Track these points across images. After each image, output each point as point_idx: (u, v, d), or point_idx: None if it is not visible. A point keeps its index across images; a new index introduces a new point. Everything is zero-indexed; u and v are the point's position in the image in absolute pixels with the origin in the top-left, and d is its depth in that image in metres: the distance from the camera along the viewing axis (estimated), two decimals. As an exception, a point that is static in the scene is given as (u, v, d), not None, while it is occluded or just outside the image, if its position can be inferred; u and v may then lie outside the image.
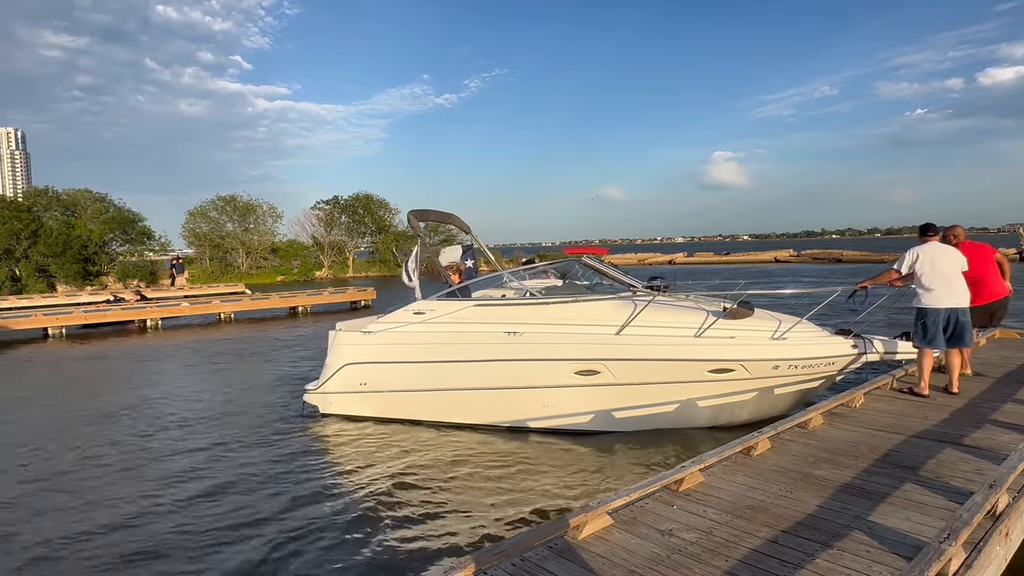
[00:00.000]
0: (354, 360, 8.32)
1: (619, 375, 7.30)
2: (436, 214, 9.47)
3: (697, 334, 7.10)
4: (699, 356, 7.09)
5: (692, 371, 7.17)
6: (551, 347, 7.40)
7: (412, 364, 8.05)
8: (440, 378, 7.90)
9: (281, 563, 4.80)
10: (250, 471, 6.76)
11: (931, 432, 5.44)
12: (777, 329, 7.17)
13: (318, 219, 51.80)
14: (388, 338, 8.17)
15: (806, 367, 7.21)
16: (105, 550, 5.09)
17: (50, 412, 9.63)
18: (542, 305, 7.70)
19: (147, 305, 22.50)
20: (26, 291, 33.08)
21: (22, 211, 36.74)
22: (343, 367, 8.38)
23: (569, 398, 7.53)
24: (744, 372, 7.14)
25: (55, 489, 6.45)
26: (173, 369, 13.23)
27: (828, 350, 7.19)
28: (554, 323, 7.53)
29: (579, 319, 7.48)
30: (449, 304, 8.11)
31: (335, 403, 8.57)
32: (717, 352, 7.07)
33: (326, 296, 25.39)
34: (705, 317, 7.17)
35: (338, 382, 8.46)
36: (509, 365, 7.59)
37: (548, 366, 7.45)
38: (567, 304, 7.65)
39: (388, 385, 8.23)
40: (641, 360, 7.19)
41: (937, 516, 3.76)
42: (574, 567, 3.36)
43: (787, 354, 7.07)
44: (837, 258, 54.08)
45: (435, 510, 5.65)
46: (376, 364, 8.23)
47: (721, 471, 4.68)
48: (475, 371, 7.73)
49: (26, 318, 19.37)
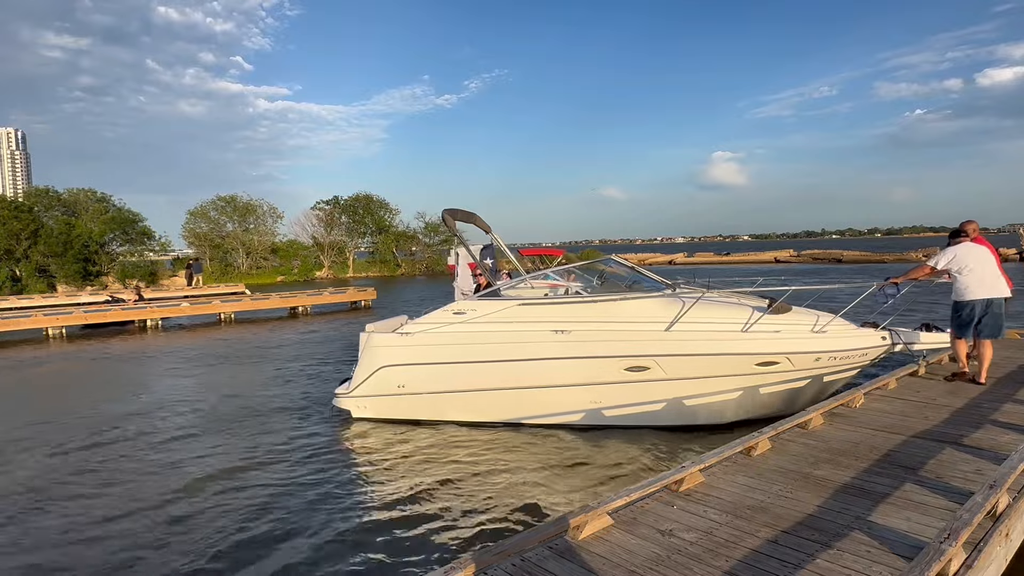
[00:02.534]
0: (391, 362, 8.10)
1: (669, 370, 7.45)
2: (462, 213, 9.47)
3: (744, 329, 7.36)
4: (747, 350, 7.35)
5: (740, 365, 7.41)
6: (601, 344, 7.47)
7: (454, 365, 7.90)
8: (484, 378, 7.82)
9: (285, 560, 4.81)
10: (283, 479, 6.74)
11: (931, 432, 5.44)
12: (816, 323, 7.55)
13: (318, 219, 51.85)
14: (428, 339, 7.99)
15: (843, 358, 7.60)
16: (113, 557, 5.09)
17: (52, 415, 9.62)
18: (590, 303, 7.77)
19: (147, 305, 22.49)
20: (26, 291, 33.10)
21: (22, 211, 36.75)
22: (379, 370, 8.14)
23: (619, 394, 7.62)
24: (788, 364, 7.44)
25: (61, 495, 6.45)
26: (180, 370, 13.22)
27: (862, 342, 7.61)
28: (603, 320, 7.59)
29: (627, 316, 7.59)
30: (491, 304, 8.00)
31: (370, 407, 8.36)
32: (764, 346, 7.35)
33: (326, 296, 25.38)
34: (751, 313, 7.44)
35: (373, 385, 8.23)
36: (557, 363, 7.59)
37: (598, 363, 7.52)
38: (615, 302, 7.75)
39: (428, 387, 8.07)
40: (691, 355, 7.37)
41: (937, 516, 3.76)
42: (574, 567, 3.36)
43: (828, 346, 7.44)
44: (837, 258, 54.07)
45: (467, 511, 5.66)
46: (415, 366, 8.03)
47: (721, 471, 4.68)
48: (521, 370, 7.69)
49: (26, 318, 19.39)
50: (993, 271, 6.96)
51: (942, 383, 7.19)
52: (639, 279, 8.78)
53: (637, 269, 9.10)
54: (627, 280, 8.88)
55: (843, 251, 59.36)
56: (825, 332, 7.51)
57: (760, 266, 50.59)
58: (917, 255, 51.05)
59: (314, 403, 9.64)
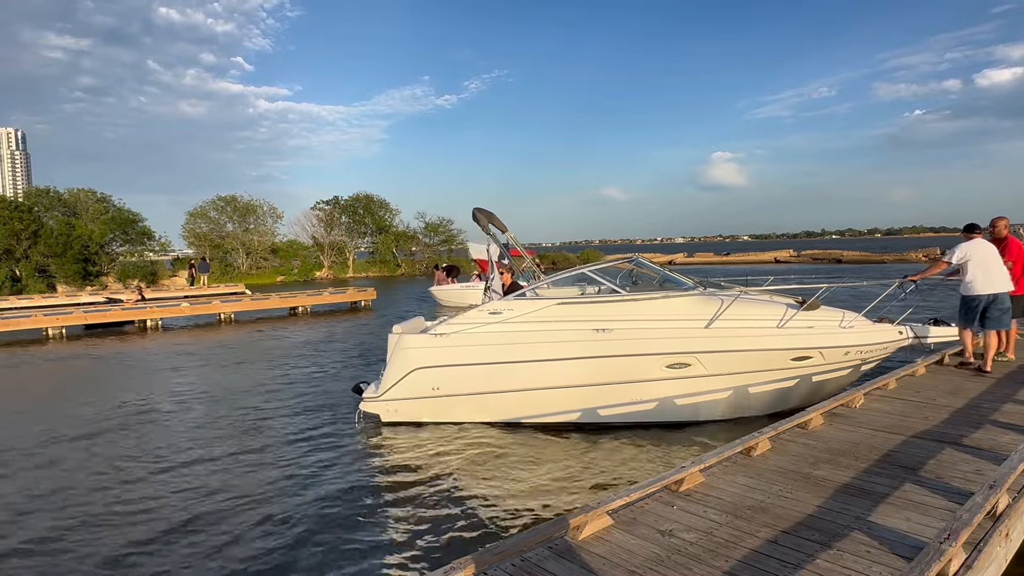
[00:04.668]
0: (425, 364, 7.88)
1: (709, 367, 7.62)
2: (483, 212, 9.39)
3: (779, 325, 7.65)
4: (784, 345, 7.64)
5: (777, 360, 7.70)
6: (643, 342, 7.56)
7: (492, 365, 7.79)
8: (523, 378, 7.76)
9: (284, 557, 4.81)
10: (289, 478, 6.73)
11: (931, 432, 5.44)
12: (842, 319, 7.90)
13: (318, 219, 51.86)
14: (464, 339, 7.85)
15: (867, 352, 8.01)
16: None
17: (59, 416, 9.62)
18: (630, 302, 7.82)
19: (147, 306, 22.49)
20: (26, 291, 33.09)
21: (23, 211, 36.75)
22: (412, 372, 7.91)
23: (660, 392, 7.70)
24: (821, 359, 7.78)
25: (77, 500, 6.45)
26: (185, 370, 13.21)
27: (883, 337, 8.02)
28: (644, 319, 7.67)
29: (668, 314, 7.72)
30: (529, 303, 7.95)
31: (401, 410, 8.11)
32: (799, 341, 7.66)
33: (326, 296, 25.38)
34: (784, 310, 7.76)
35: (406, 388, 7.98)
36: (599, 362, 7.61)
37: (640, 361, 7.59)
38: (655, 300, 7.85)
39: (465, 388, 7.92)
40: (731, 352, 7.58)
41: (937, 516, 3.76)
42: (574, 567, 3.36)
43: (855, 341, 7.83)
44: (837, 258, 54.11)
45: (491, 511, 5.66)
46: (451, 367, 7.86)
47: (721, 471, 4.68)
48: (561, 369, 7.66)
49: (26, 318, 19.38)
50: (999, 267, 7.35)
51: (942, 383, 7.20)
52: (668, 278, 8.84)
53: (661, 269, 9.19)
54: (657, 279, 8.93)
55: (843, 251, 59.38)
56: (852, 327, 7.86)
57: (761, 266, 50.59)
58: (917, 255, 51.11)
59: (325, 405, 9.63)
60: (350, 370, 12.21)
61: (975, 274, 7.36)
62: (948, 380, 7.36)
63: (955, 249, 7.51)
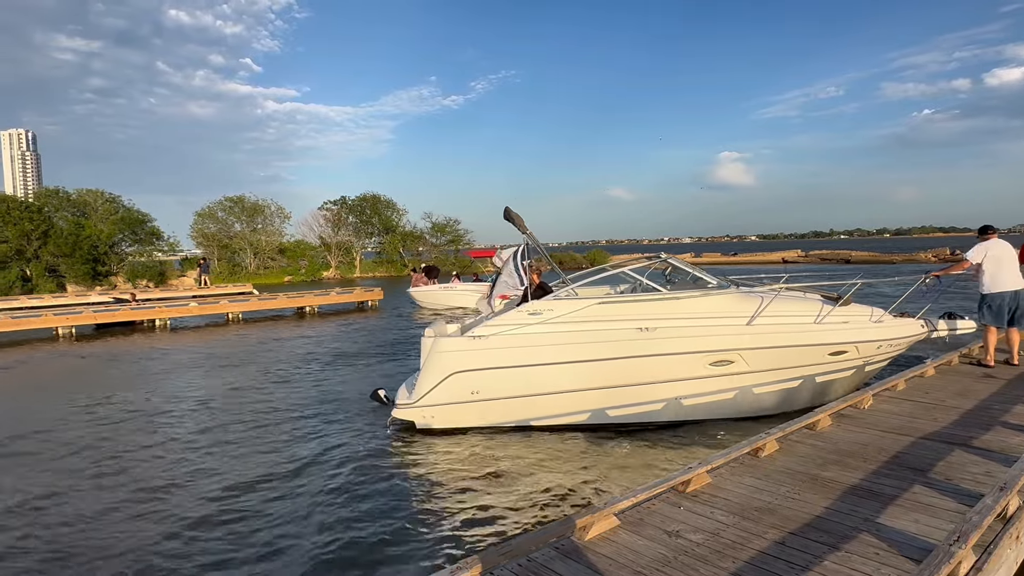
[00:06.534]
0: (464, 367, 7.58)
1: (752, 363, 7.69)
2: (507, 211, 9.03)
3: (817, 321, 7.81)
4: (823, 340, 7.80)
5: (816, 355, 7.84)
6: (686, 340, 7.54)
7: (533, 367, 7.57)
8: (564, 380, 7.60)
9: (289, 555, 4.82)
10: (304, 481, 6.76)
11: (940, 434, 5.41)
12: (872, 315, 8.14)
13: (325, 219, 52.02)
14: (503, 341, 7.59)
15: (896, 345, 8.30)
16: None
17: (75, 415, 9.69)
18: (672, 300, 7.81)
19: (155, 305, 22.62)
20: (36, 291, 33.33)
21: (33, 212, 37.03)
22: (450, 376, 7.59)
23: (703, 389, 7.72)
24: (855, 352, 7.98)
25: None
26: (198, 370, 13.28)
27: (908, 330, 8.30)
28: (686, 317, 7.67)
29: (709, 312, 7.76)
30: (569, 303, 7.79)
31: (439, 416, 7.76)
32: (838, 336, 7.84)
33: (333, 296, 25.45)
34: (820, 306, 7.93)
35: (444, 393, 7.64)
36: (642, 361, 7.57)
37: (683, 359, 7.58)
38: (696, 298, 7.89)
39: (506, 391, 7.66)
40: (773, 348, 7.68)
41: (947, 518, 3.74)
42: (580, 568, 3.35)
43: (886, 335, 8.10)
44: (845, 259, 53.86)
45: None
46: (491, 370, 7.59)
47: (728, 472, 4.66)
48: (604, 370, 7.56)
49: (36, 318, 19.53)
50: (1013, 265, 7.76)
51: (951, 384, 7.16)
52: (699, 276, 8.77)
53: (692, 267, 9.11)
54: (690, 277, 8.87)
55: (851, 251, 59.10)
56: (882, 322, 8.11)
57: (768, 267, 50.40)
58: (926, 255, 50.81)
59: (334, 403, 9.65)
60: (360, 369, 12.24)
61: (994, 273, 7.71)
62: (957, 381, 7.32)
63: (975, 249, 7.84)
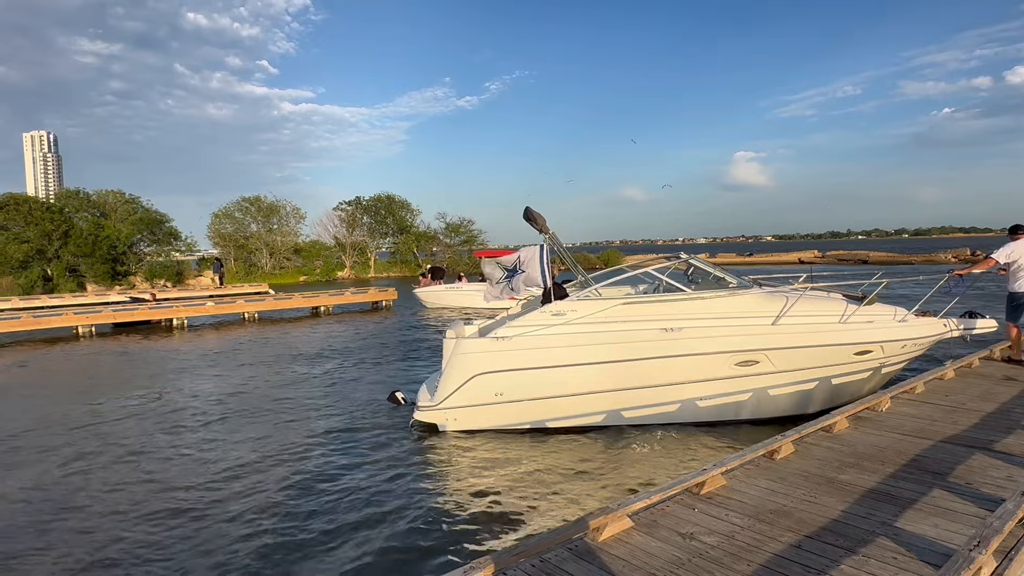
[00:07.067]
0: (487, 369, 7.53)
1: (777, 363, 7.64)
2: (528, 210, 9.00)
3: (842, 320, 7.75)
4: (849, 340, 7.73)
5: (841, 354, 7.77)
6: (711, 341, 7.50)
7: (557, 369, 7.51)
8: (588, 381, 7.54)
9: (302, 551, 4.86)
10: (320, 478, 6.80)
11: (961, 437, 5.33)
12: (895, 314, 8.09)
13: (340, 220, 52.35)
14: (528, 342, 7.52)
15: (920, 344, 8.23)
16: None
17: (101, 412, 9.83)
18: (696, 300, 7.76)
19: (173, 305, 22.89)
20: (57, 290, 33.88)
21: (54, 212, 37.62)
22: (473, 378, 7.54)
23: (728, 390, 7.67)
24: (880, 352, 7.90)
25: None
26: (214, 368, 13.42)
27: (932, 329, 8.22)
28: (711, 317, 7.64)
29: (734, 312, 7.72)
30: (592, 303, 7.74)
31: (461, 418, 7.71)
32: (862, 335, 7.77)
33: (348, 296, 25.60)
34: (845, 305, 7.88)
35: (467, 395, 7.60)
36: (667, 362, 7.51)
37: (709, 360, 7.54)
38: (721, 298, 7.84)
39: (529, 393, 7.59)
40: (798, 347, 7.62)
41: (967, 523, 3.68)
42: (594, 569, 3.34)
43: (911, 334, 8.03)
44: (863, 259, 53.26)
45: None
46: (515, 371, 7.54)
47: (743, 475, 4.63)
48: (629, 370, 7.50)
49: (57, 317, 19.85)
50: None
51: (971, 387, 7.06)
52: (720, 276, 8.70)
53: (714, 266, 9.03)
54: (712, 277, 8.77)
55: (869, 252, 58.43)
56: (906, 321, 8.05)
57: (784, 267, 49.95)
58: (946, 256, 50.11)
59: (350, 403, 9.72)
60: (374, 369, 12.31)
61: (1021, 272, 7.81)
62: (978, 384, 7.21)
63: (1002, 248, 7.93)
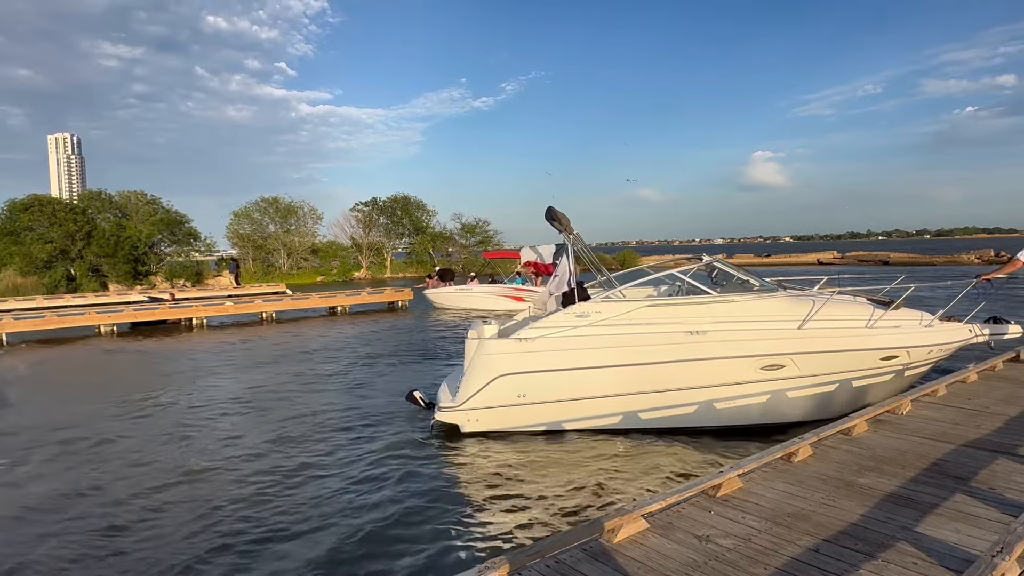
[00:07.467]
0: (510, 370, 7.48)
1: (803, 368, 7.58)
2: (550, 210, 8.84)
3: (868, 325, 7.69)
4: (876, 345, 7.69)
5: (867, 359, 7.74)
6: (738, 344, 7.44)
7: (582, 371, 7.47)
8: (612, 383, 7.49)
9: (318, 548, 4.90)
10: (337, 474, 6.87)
11: (984, 441, 5.24)
12: (922, 319, 8.04)
13: (357, 221, 52.70)
14: (551, 344, 7.47)
15: (944, 350, 8.20)
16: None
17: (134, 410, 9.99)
18: (723, 303, 7.67)
19: (193, 304, 23.19)
20: (80, 290, 34.47)
21: (77, 213, 38.29)
22: (496, 379, 7.50)
23: (753, 394, 7.62)
24: (907, 357, 7.87)
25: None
26: (233, 367, 13.58)
27: (958, 335, 8.17)
28: (737, 320, 7.56)
29: (760, 315, 7.64)
30: (617, 305, 7.68)
31: (483, 419, 7.65)
32: (889, 341, 7.71)
33: (364, 296, 25.77)
34: (872, 310, 7.82)
35: (489, 396, 7.54)
36: (692, 365, 7.44)
37: (735, 363, 7.48)
38: (746, 301, 7.76)
39: (552, 395, 7.55)
40: (825, 352, 7.56)
41: (989, 528, 3.62)
42: (608, 570, 3.33)
43: (937, 340, 7.99)
44: (884, 260, 52.57)
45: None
46: (538, 373, 7.50)
47: (761, 477, 4.59)
48: (652, 373, 7.44)
49: (80, 316, 20.21)
50: None
51: (995, 390, 6.94)
52: (743, 278, 8.62)
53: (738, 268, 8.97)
54: (735, 279, 8.68)
55: (890, 253, 57.63)
56: (932, 327, 8.00)
57: (803, 268, 49.43)
58: (969, 257, 49.30)
59: (368, 403, 9.78)
60: (391, 369, 12.37)
61: None
62: (1002, 387, 7.09)
63: None
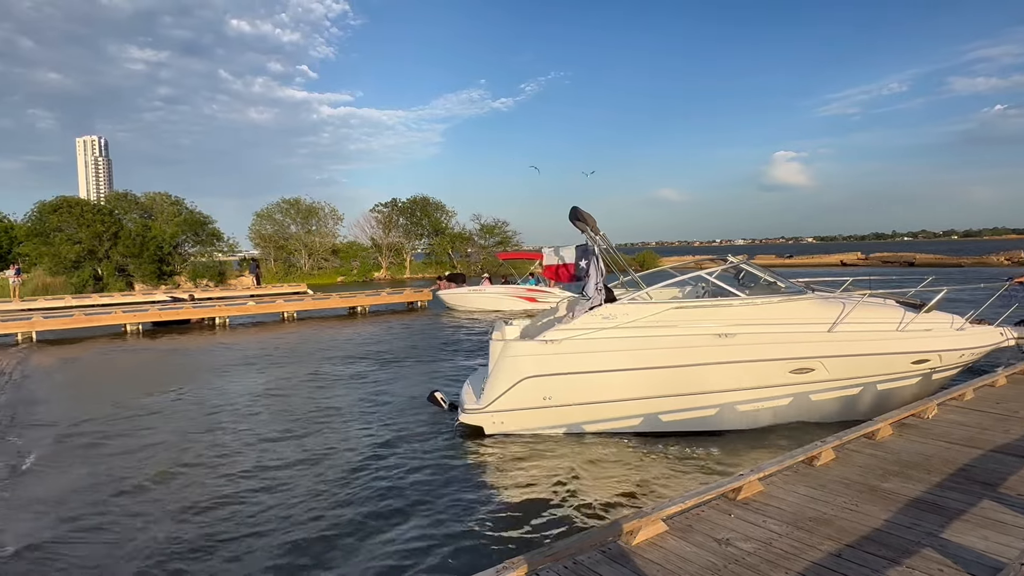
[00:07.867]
0: (536, 372, 7.40)
1: (833, 371, 7.53)
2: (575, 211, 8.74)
3: (899, 328, 7.63)
4: (907, 348, 7.63)
5: (898, 363, 7.66)
6: (767, 347, 7.37)
7: (607, 373, 7.37)
8: (639, 385, 7.38)
9: (331, 551, 4.94)
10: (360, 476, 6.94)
11: (1013, 446, 5.13)
12: (952, 322, 7.95)
13: (377, 221, 53.10)
14: (577, 346, 7.37)
15: (976, 354, 8.10)
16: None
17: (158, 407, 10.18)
18: (750, 305, 7.58)
19: (216, 304, 23.53)
20: (107, 289, 35.16)
21: (104, 214, 39.06)
22: (521, 381, 7.41)
23: (782, 396, 7.56)
24: (937, 361, 7.76)
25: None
26: (259, 368, 13.75)
27: (989, 338, 8.12)
28: (766, 323, 7.49)
29: (790, 318, 7.55)
30: (644, 307, 7.56)
31: (508, 421, 7.57)
32: (920, 344, 7.65)
33: (384, 297, 25.95)
34: (903, 313, 7.76)
35: (514, 398, 7.46)
36: (721, 368, 7.35)
37: (764, 366, 7.41)
38: (775, 303, 7.66)
39: (578, 397, 7.45)
40: (855, 355, 7.50)
41: (1017, 535, 3.55)
42: (627, 572, 3.32)
43: (969, 343, 7.90)
44: (909, 261, 51.62)
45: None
46: (564, 375, 7.40)
47: (782, 481, 4.54)
48: (681, 376, 7.35)
49: (107, 315, 20.62)
50: None
51: (1025, 395, 6.77)
52: (771, 280, 8.51)
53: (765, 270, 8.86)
54: (762, 281, 8.57)
55: (915, 254, 56.60)
56: (964, 330, 7.90)
57: (826, 269, 48.72)
58: (998, 258, 48.22)
59: (389, 402, 9.85)
60: (411, 370, 12.44)
61: None
62: (1032, 391, 6.92)
63: None
